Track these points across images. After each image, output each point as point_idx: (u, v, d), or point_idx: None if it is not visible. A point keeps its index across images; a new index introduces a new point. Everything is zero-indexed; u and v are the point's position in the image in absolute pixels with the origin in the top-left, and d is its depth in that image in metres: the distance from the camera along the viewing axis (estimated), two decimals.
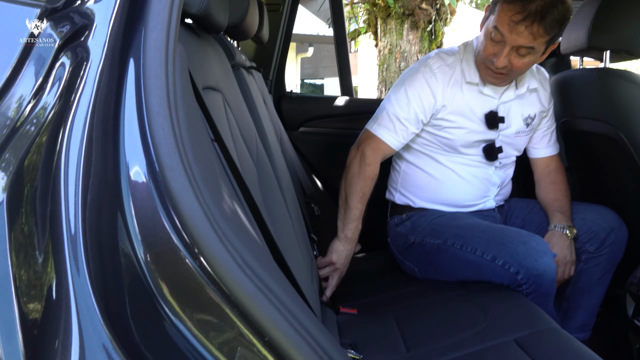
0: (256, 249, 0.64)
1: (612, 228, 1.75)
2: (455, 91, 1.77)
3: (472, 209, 1.87)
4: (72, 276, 0.57)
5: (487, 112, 1.79)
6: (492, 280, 1.64)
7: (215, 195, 0.63)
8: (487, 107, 1.79)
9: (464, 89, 1.78)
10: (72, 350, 0.54)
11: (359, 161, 1.79)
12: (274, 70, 2.76)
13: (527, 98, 1.86)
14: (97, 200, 0.61)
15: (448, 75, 1.78)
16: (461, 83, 1.78)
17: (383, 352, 1.37)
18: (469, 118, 1.78)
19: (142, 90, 0.64)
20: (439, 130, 1.80)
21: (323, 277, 1.76)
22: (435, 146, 1.83)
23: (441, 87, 1.76)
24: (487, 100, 1.80)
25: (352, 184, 1.78)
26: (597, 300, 1.82)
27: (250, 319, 0.59)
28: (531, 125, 1.87)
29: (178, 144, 0.62)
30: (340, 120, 2.69)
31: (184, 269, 0.59)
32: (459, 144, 1.80)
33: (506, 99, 1.82)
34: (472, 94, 1.79)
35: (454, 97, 1.77)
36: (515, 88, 1.83)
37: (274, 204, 1.25)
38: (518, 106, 1.84)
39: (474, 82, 1.78)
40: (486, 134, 1.81)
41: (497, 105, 1.80)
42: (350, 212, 1.77)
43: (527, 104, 1.86)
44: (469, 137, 1.80)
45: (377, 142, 1.80)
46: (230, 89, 1.29)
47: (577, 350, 1.26)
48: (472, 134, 1.79)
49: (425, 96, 1.76)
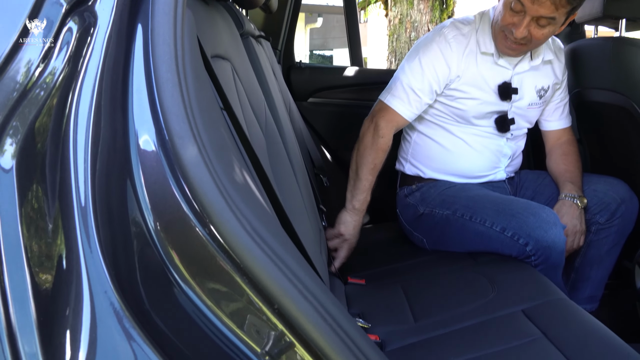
0: (265, 218, 0.64)
1: (623, 199, 1.74)
2: (470, 61, 1.75)
3: (482, 180, 1.86)
4: (82, 243, 0.57)
5: (500, 83, 1.77)
6: (501, 251, 1.64)
7: (224, 163, 0.63)
8: (500, 78, 1.77)
9: (479, 59, 1.76)
10: (83, 316, 0.55)
11: (372, 133, 1.77)
12: (282, 40, 2.73)
13: (541, 70, 1.83)
14: (107, 168, 0.61)
15: (463, 45, 1.75)
16: (476, 53, 1.76)
17: (391, 322, 1.38)
18: (482, 89, 1.76)
19: (151, 57, 0.63)
20: (451, 101, 1.78)
21: (332, 248, 1.76)
22: (447, 117, 1.82)
23: (456, 57, 1.74)
24: (501, 71, 1.78)
25: (364, 155, 1.76)
26: (605, 272, 1.82)
27: (259, 286, 0.59)
28: (544, 97, 1.85)
29: (187, 111, 0.61)
30: (349, 91, 2.67)
31: (194, 236, 0.59)
32: (472, 115, 1.78)
33: (520, 70, 1.79)
34: (486, 65, 1.76)
35: (468, 67, 1.75)
36: (530, 59, 1.80)
37: (282, 174, 1.24)
38: (532, 78, 1.81)
39: (489, 53, 1.76)
40: (499, 105, 1.79)
41: (510, 77, 1.78)
42: (360, 184, 1.76)
43: (541, 76, 1.83)
44: (481, 108, 1.78)
45: (391, 114, 1.78)
46: (239, 58, 1.28)
47: (584, 321, 1.26)
48: (485, 105, 1.77)
49: (439, 66, 1.74)
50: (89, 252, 0.57)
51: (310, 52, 11.02)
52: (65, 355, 0.54)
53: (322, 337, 0.60)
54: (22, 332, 0.55)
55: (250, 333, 0.60)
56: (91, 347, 0.54)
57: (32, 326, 0.54)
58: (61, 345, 0.54)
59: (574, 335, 1.20)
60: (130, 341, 0.54)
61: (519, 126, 1.85)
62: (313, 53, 11.36)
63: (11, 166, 0.59)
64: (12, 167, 0.59)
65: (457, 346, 1.23)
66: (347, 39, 2.91)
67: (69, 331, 0.54)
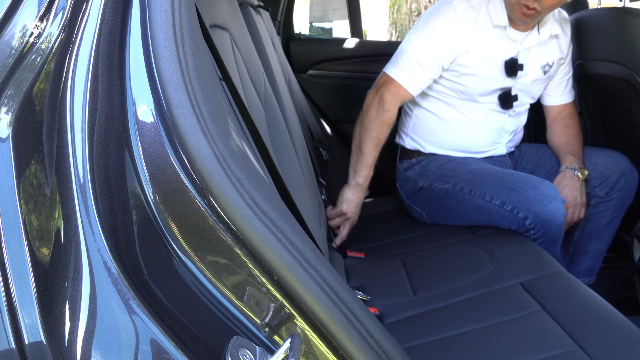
0: (265, 189, 0.64)
1: (623, 172, 1.73)
2: (479, 35, 1.72)
3: (483, 154, 1.85)
4: (80, 214, 0.57)
5: (507, 59, 1.74)
6: (500, 225, 1.64)
7: (223, 133, 0.62)
8: (508, 54, 1.75)
9: (488, 32, 1.73)
10: (82, 287, 0.55)
11: (376, 106, 1.74)
12: (282, 11, 2.69)
13: (547, 45, 1.81)
14: (104, 137, 0.60)
15: (473, 17, 1.72)
16: (485, 26, 1.72)
17: (390, 295, 1.38)
18: (488, 64, 1.74)
19: (148, 24, 0.62)
20: (456, 77, 1.76)
21: (334, 227, 1.76)
22: (451, 93, 1.80)
23: (465, 30, 1.71)
24: (509, 46, 1.75)
25: (369, 129, 1.73)
26: (604, 245, 1.82)
27: (259, 258, 0.59)
28: (548, 73, 1.83)
29: (185, 80, 0.60)
30: (349, 63, 2.64)
31: (193, 207, 0.59)
32: (476, 92, 1.76)
33: (527, 45, 1.77)
34: (495, 39, 1.73)
35: (477, 41, 1.72)
36: (537, 34, 1.78)
37: (281, 146, 1.23)
38: (538, 53, 1.79)
39: (501, 25, 1.73)
40: (504, 81, 1.77)
41: (517, 52, 1.76)
42: (364, 159, 1.74)
43: (547, 52, 1.82)
44: (486, 85, 1.76)
45: (396, 87, 1.74)
46: (238, 29, 1.26)
47: (582, 294, 1.27)
48: (490, 81, 1.75)
49: (448, 40, 1.71)
50: (87, 223, 0.57)
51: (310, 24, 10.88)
52: (65, 325, 0.53)
53: (321, 308, 0.60)
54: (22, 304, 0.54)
55: (250, 304, 0.60)
56: (91, 317, 0.54)
57: (32, 298, 0.54)
58: (61, 315, 0.54)
59: (572, 308, 1.21)
60: (129, 311, 0.54)
61: (522, 102, 1.84)
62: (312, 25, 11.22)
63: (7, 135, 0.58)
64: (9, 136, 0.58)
65: (456, 319, 1.23)
66: (347, 11, 2.87)
67: (68, 302, 0.54)
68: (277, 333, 0.61)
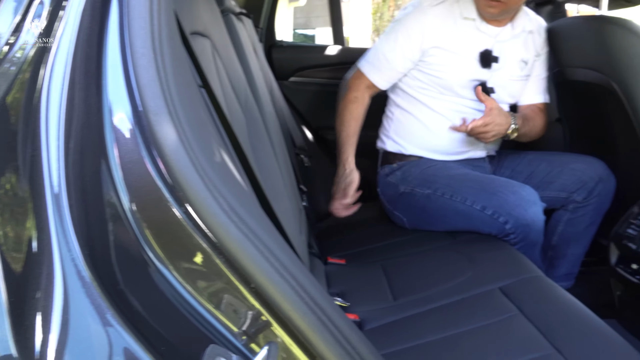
0: (243, 196, 0.64)
1: (600, 178, 1.76)
2: (450, 28, 1.78)
3: (462, 156, 1.87)
4: (54, 223, 0.56)
5: (482, 50, 1.79)
6: (481, 229, 1.66)
7: (201, 141, 0.62)
8: (482, 46, 1.80)
9: (459, 25, 1.79)
10: (54, 298, 0.54)
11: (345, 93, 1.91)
12: (264, 18, 2.69)
13: (522, 40, 1.86)
14: (81, 146, 0.60)
15: (441, 12, 1.79)
16: (455, 19, 1.79)
17: (370, 301, 1.39)
18: (462, 55, 1.78)
19: (126, 32, 0.62)
20: (431, 69, 1.79)
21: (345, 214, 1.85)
22: (429, 89, 1.82)
23: (434, 25, 1.78)
24: (483, 38, 1.80)
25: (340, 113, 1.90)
26: (582, 250, 1.85)
27: (236, 265, 0.59)
28: (525, 69, 1.86)
29: (163, 87, 0.60)
30: (332, 70, 2.65)
31: (170, 215, 0.58)
32: (454, 82, 1.79)
33: (502, 39, 1.82)
34: (468, 30, 1.79)
35: (448, 33, 1.78)
36: (511, 28, 1.82)
37: (262, 153, 1.23)
38: (513, 48, 1.84)
39: (470, 18, 1.79)
40: (479, 72, 1.80)
41: (492, 44, 1.80)
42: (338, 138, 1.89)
43: (523, 47, 1.86)
44: (462, 75, 1.79)
45: (363, 78, 1.88)
46: (219, 36, 1.26)
47: (559, 298, 1.28)
48: (466, 71, 1.79)
49: (414, 35, 1.78)
50: (62, 232, 0.56)
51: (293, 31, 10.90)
52: (35, 337, 0.53)
53: (299, 315, 0.60)
54: None
55: (227, 312, 0.60)
56: (63, 328, 0.53)
57: (3, 309, 0.53)
58: (32, 327, 0.53)
59: (550, 312, 1.22)
60: (103, 321, 0.54)
61: (500, 98, 1.85)
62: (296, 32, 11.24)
63: None
64: None
65: (436, 324, 1.24)
66: (329, 17, 2.88)
67: (40, 313, 0.54)
68: (254, 341, 0.60)
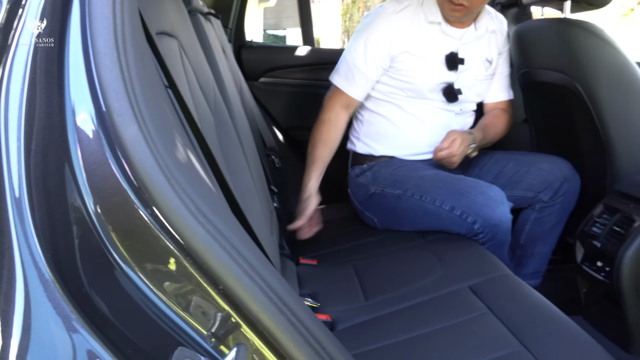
0: (210, 197, 0.63)
1: (566, 178, 1.79)
2: (415, 33, 1.80)
3: (432, 155, 1.89)
4: (14, 226, 0.55)
5: (447, 53, 1.81)
6: (450, 229, 1.67)
7: (167, 141, 0.61)
8: (448, 49, 1.82)
9: (425, 29, 1.81)
10: (15, 302, 0.53)
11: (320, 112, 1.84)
12: (234, 19, 2.68)
13: (486, 40, 1.89)
14: (42, 148, 0.59)
15: (406, 17, 1.80)
16: (420, 23, 1.81)
17: (342, 302, 1.39)
18: (429, 59, 1.80)
19: (88, 31, 0.61)
20: (401, 75, 1.81)
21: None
22: (398, 93, 1.83)
23: (399, 30, 1.79)
24: (448, 41, 1.82)
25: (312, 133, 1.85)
26: (549, 248, 1.88)
27: (204, 267, 0.58)
28: (490, 68, 1.89)
29: (127, 88, 0.59)
30: (302, 71, 2.65)
31: (136, 217, 0.57)
32: (423, 87, 1.81)
33: (466, 40, 1.84)
34: (433, 34, 1.81)
35: (415, 38, 1.79)
36: (474, 29, 1.85)
37: (231, 154, 1.23)
38: (477, 48, 1.87)
39: (436, 21, 1.81)
40: (446, 75, 1.82)
41: (457, 47, 1.82)
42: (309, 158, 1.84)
43: (486, 47, 1.89)
44: (430, 79, 1.81)
45: (339, 93, 1.84)
46: (186, 36, 1.25)
47: (527, 295, 1.30)
48: (433, 75, 1.81)
49: (382, 42, 1.79)
50: (23, 236, 0.55)
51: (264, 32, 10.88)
52: None
53: (268, 317, 0.59)
54: None
55: (195, 315, 0.59)
56: (25, 333, 0.52)
57: None
58: None
59: (518, 310, 1.24)
60: (67, 325, 0.53)
61: (468, 98, 1.88)
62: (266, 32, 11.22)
63: None
64: None
65: (407, 323, 1.25)
66: (299, 18, 2.88)
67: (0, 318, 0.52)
68: (223, 343, 0.60)
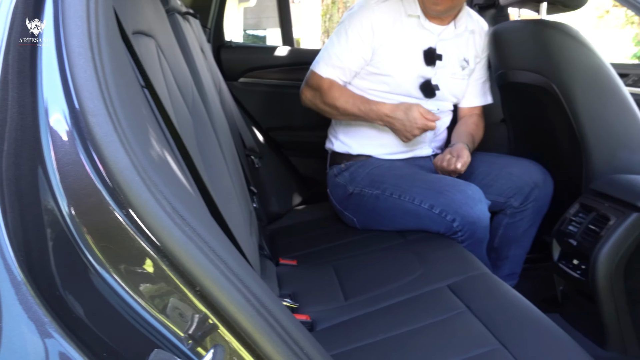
0: (187, 198, 0.63)
1: (536, 184, 1.80)
2: (396, 26, 1.81)
3: (409, 154, 1.89)
4: None
5: (425, 48, 1.83)
6: (429, 228, 1.68)
7: (142, 142, 0.60)
8: (426, 44, 1.84)
9: (404, 22, 1.82)
10: None
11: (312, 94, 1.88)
12: (212, 18, 2.66)
13: (464, 39, 1.91)
14: (14, 148, 0.58)
15: (387, 10, 1.82)
16: (401, 16, 1.82)
17: (322, 302, 1.39)
18: (407, 53, 1.82)
19: (61, 30, 0.60)
20: (380, 69, 1.82)
21: None
22: (376, 89, 1.84)
23: (381, 21, 1.80)
24: (426, 36, 1.84)
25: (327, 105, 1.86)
26: (523, 250, 1.89)
27: (180, 268, 0.58)
28: (467, 69, 1.91)
29: (102, 88, 0.58)
30: (281, 71, 2.64)
31: (111, 218, 0.57)
32: (401, 81, 1.82)
33: (445, 37, 1.86)
34: (413, 28, 1.83)
35: (395, 31, 1.81)
36: (454, 27, 1.87)
37: (210, 154, 1.22)
38: (455, 46, 1.89)
39: (414, 15, 1.83)
40: (424, 70, 1.84)
41: (436, 42, 1.84)
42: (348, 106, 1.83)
43: (464, 46, 1.91)
44: (407, 73, 1.82)
45: (318, 79, 1.86)
46: (164, 35, 1.24)
47: (505, 294, 1.31)
48: (411, 69, 1.83)
49: (364, 32, 1.81)
50: None
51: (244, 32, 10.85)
52: None
53: (245, 318, 0.59)
54: None
55: (172, 316, 0.59)
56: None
57: None
58: None
59: (496, 308, 1.25)
60: (39, 329, 0.52)
61: (444, 96, 1.89)
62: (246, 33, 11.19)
63: None
64: None
65: (386, 323, 1.25)
66: (278, 19, 2.87)
67: None
68: (200, 345, 0.59)
